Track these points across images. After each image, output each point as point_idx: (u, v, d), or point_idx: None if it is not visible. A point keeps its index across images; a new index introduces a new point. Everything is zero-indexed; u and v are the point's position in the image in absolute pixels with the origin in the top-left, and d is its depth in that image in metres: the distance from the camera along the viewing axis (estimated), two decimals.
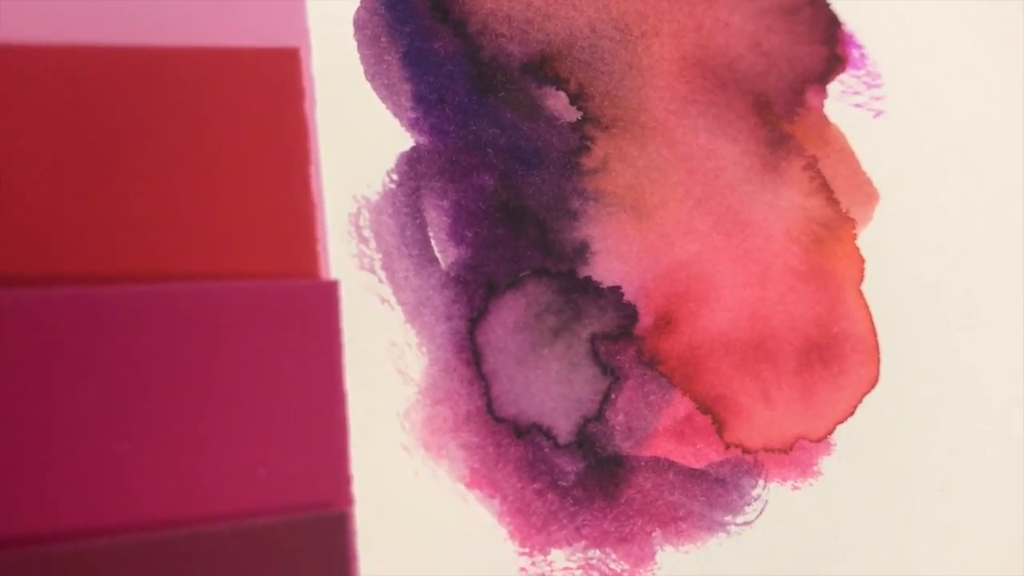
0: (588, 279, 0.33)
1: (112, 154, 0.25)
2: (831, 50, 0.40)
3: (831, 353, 0.35)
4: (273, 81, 0.27)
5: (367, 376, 0.30)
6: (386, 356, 0.30)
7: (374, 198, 0.32)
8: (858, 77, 0.40)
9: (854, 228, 0.37)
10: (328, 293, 0.25)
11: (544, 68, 0.35)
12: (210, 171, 0.26)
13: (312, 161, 0.27)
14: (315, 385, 0.25)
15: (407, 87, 0.33)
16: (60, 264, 0.24)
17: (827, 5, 0.41)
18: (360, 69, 0.32)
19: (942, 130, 0.40)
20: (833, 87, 0.39)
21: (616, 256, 0.34)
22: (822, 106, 0.39)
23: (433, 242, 0.32)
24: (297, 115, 0.27)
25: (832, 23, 0.40)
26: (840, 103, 0.39)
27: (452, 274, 0.32)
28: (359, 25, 0.33)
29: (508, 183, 0.33)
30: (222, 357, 0.24)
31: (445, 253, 0.32)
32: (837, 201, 0.37)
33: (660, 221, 0.35)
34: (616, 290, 0.33)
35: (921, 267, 0.37)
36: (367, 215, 0.32)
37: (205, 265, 0.25)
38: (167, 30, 0.27)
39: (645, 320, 0.33)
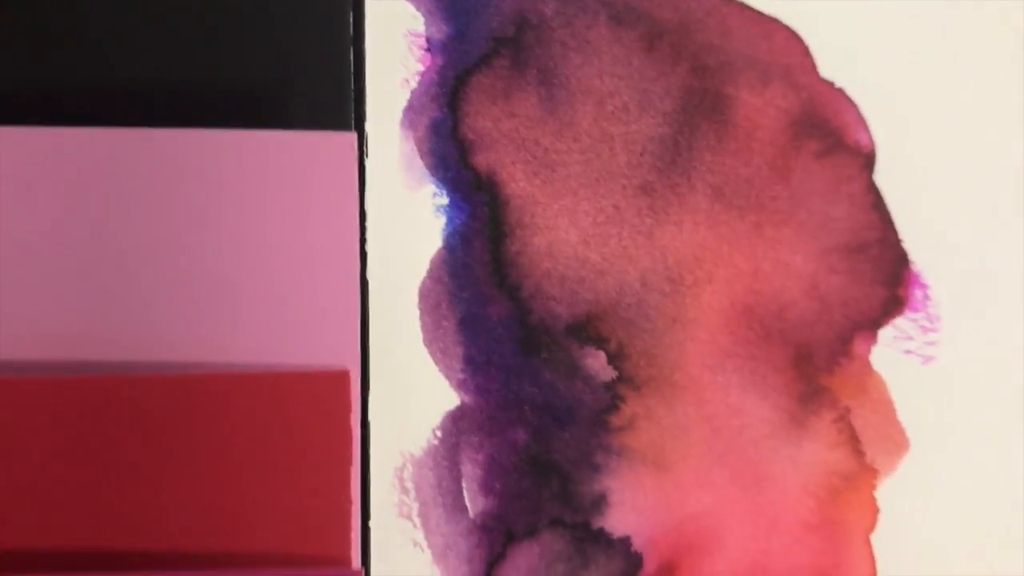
0: (601, 530, 0.39)
1: (156, 475, 0.32)
2: (892, 292, 0.42)
3: None
4: (321, 401, 0.34)
5: None
6: None
7: (418, 454, 0.38)
8: (915, 320, 0.42)
9: (875, 478, 0.41)
10: None
11: (588, 328, 0.40)
12: (251, 478, 0.33)
13: (353, 463, 0.34)
14: None
15: (459, 350, 0.39)
16: None
17: (898, 242, 0.43)
18: (420, 336, 0.38)
19: (991, 380, 0.42)
20: (885, 332, 0.42)
21: (631, 508, 0.39)
22: (868, 353, 0.42)
23: (465, 492, 0.39)
24: (342, 427, 0.34)
25: (900, 262, 0.43)
26: (890, 348, 0.42)
27: (478, 522, 0.38)
28: (423, 294, 0.39)
29: (539, 438, 0.39)
30: None
31: (474, 503, 0.39)
32: (863, 452, 0.41)
33: (678, 475, 0.40)
34: (626, 540, 0.39)
35: (936, 520, 0.40)
36: (410, 468, 0.38)
37: (242, 548, 0.33)
38: (222, 349, 0.34)
39: (649, 568, 0.39)
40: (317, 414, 0.34)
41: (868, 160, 0.43)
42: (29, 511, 0.33)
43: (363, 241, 0.38)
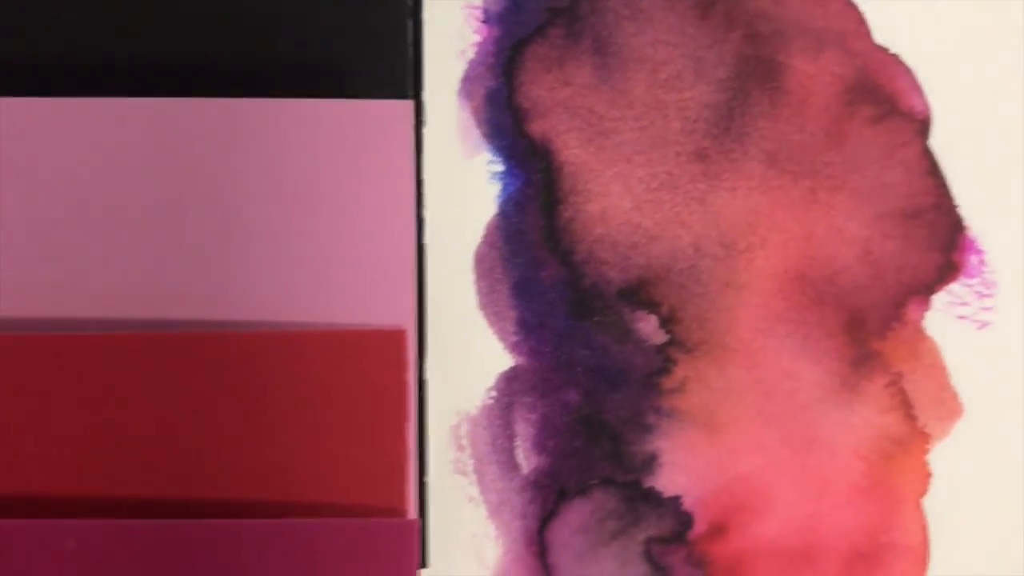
0: (651, 489, 0.40)
1: (219, 428, 0.34)
2: (947, 257, 0.42)
3: (876, 562, 0.41)
4: (379, 358, 0.35)
5: (452, 561, 0.39)
6: (468, 545, 0.39)
7: (473, 412, 0.40)
8: (970, 286, 0.42)
9: (927, 443, 0.41)
10: (408, 531, 0.34)
11: (640, 293, 0.41)
12: (311, 431, 0.34)
13: (409, 418, 0.35)
14: None
15: (512, 314, 0.40)
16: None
17: (953, 208, 0.43)
18: (475, 300, 0.40)
19: None
20: (939, 297, 0.42)
21: (682, 468, 0.40)
22: (921, 319, 0.42)
23: (519, 450, 0.40)
24: (399, 383, 0.35)
25: (955, 228, 0.43)
26: (943, 314, 0.42)
27: (531, 479, 0.40)
28: (478, 259, 0.40)
29: (591, 399, 0.40)
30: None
31: (528, 460, 0.40)
32: (915, 417, 0.41)
33: (729, 437, 0.41)
34: (676, 499, 0.40)
35: (990, 485, 0.41)
36: (466, 426, 0.40)
37: (301, 500, 0.34)
38: (285, 309, 0.36)
39: (699, 527, 0.40)
40: (375, 371, 0.36)
41: (923, 126, 0.44)
42: (100, 461, 0.35)
43: (420, 207, 0.40)
